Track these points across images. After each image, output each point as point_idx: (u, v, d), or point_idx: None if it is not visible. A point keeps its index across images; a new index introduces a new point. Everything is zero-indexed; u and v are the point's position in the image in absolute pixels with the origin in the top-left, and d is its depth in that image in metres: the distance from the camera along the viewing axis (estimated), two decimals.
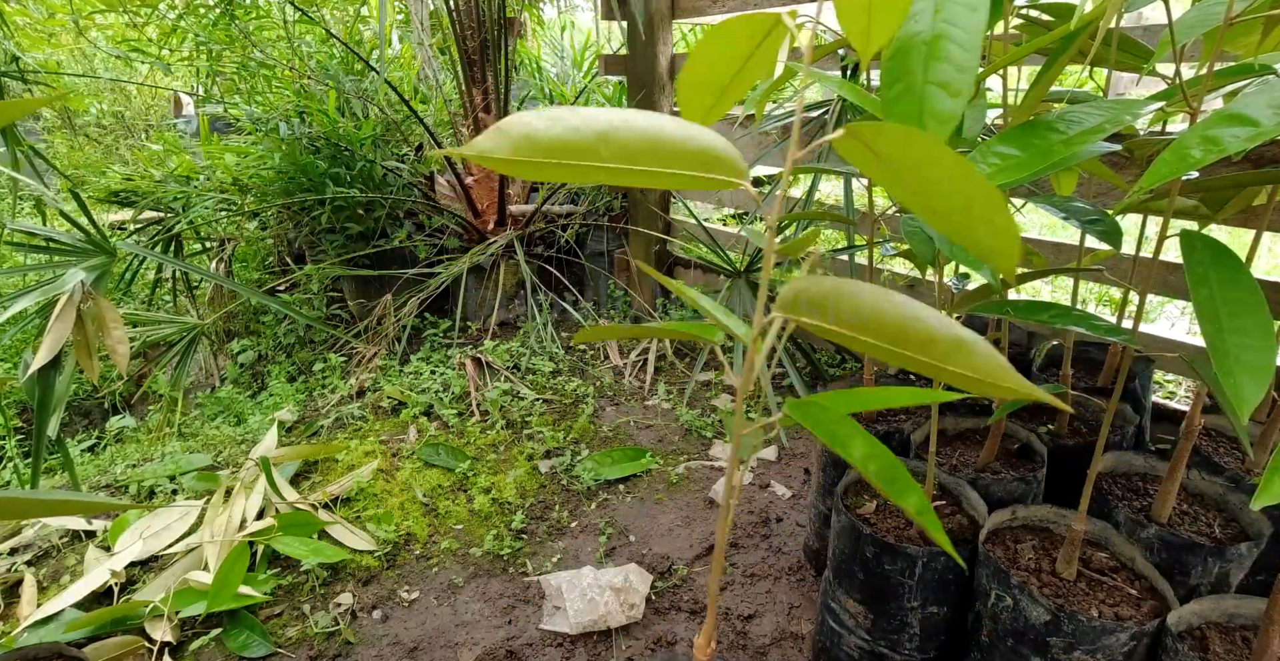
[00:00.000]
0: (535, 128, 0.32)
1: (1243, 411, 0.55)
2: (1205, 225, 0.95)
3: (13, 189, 2.93)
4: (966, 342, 0.32)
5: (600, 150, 0.33)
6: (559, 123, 0.33)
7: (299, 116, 2.61)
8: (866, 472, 0.40)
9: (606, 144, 0.33)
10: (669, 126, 0.34)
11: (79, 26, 2.78)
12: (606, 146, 0.33)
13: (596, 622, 1.30)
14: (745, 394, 0.44)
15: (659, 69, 2.40)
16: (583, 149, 0.33)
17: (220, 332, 2.74)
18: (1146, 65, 0.79)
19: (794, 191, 2.67)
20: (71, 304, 1.29)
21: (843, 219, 1.14)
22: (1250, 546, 0.93)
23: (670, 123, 0.34)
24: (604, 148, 0.33)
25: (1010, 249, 0.32)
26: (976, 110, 0.89)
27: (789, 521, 1.60)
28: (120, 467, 1.87)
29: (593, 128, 0.33)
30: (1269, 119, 0.49)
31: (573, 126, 0.33)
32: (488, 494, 1.71)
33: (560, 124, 0.33)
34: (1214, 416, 1.22)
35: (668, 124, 0.34)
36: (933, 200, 0.33)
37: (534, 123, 0.32)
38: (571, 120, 0.33)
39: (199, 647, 1.30)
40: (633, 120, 0.33)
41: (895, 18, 0.34)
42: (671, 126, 0.34)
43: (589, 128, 0.33)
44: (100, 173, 3.45)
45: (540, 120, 0.33)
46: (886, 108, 0.45)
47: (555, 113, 0.33)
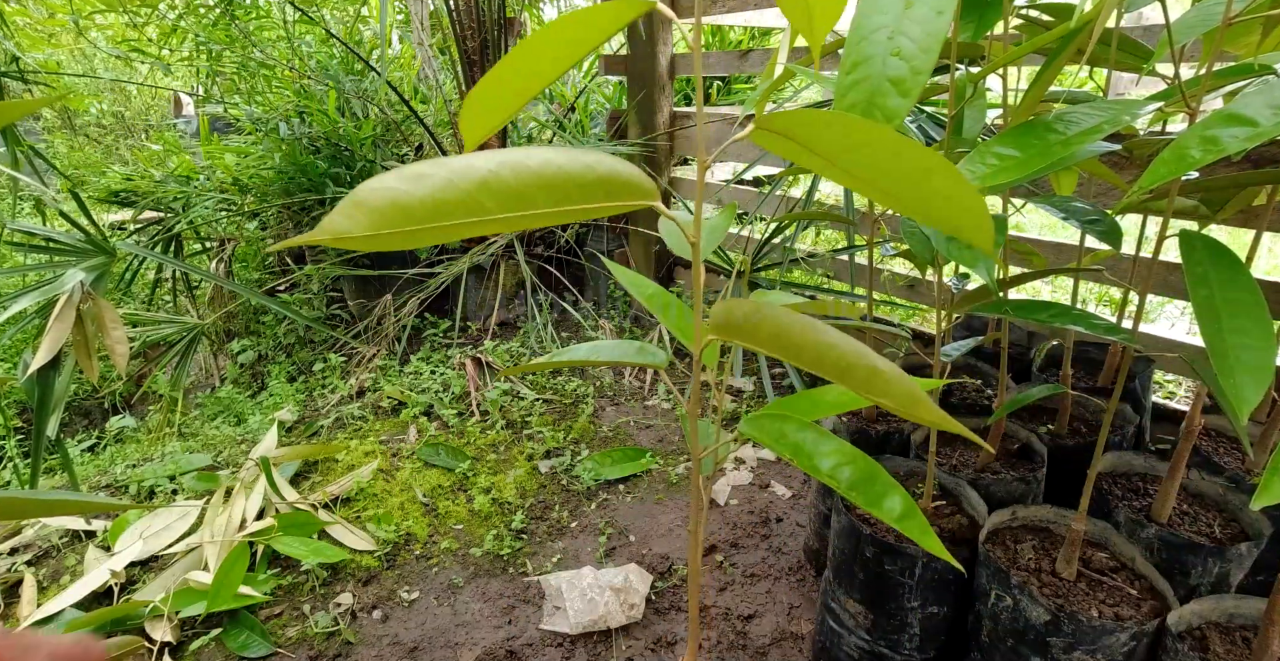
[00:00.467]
0: (399, 191, 0.27)
1: (1243, 411, 0.55)
2: (1205, 225, 0.95)
3: (13, 189, 2.93)
4: (882, 372, 0.30)
5: (484, 202, 0.29)
6: (425, 180, 0.28)
7: (299, 116, 2.61)
8: (839, 485, 0.38)
9: (490, 193, 0.29)
10: (561, 160, 0.30)
11: (79, 26, 2.78)
12: (490, 197, 0.29)
13: (596, 622, 1.30)
14: (696, 409, 0.42)
15: (659, 69, 2.40)
16: (463, 205, 0.29)
17: (220, 332, 2.74)
18: (1146, 65, 0.79)
19: (794, 191, 2.67)
20: (71, 304, 1.29)
21: (843, 219, 1.14)
22: (1250, 546, 0.93)
23: (563, 156, 0.30)
24: (487, 198, 0.29)
25: (982, 222, 0.30)
26: (976, 110, 0.89)
27: (789, 521, 1.60)
28: (120, 467, 1.87)
29: (470, 179, 0.28)
30: (1268, 119, 0.49)
31: (445, 181, 0.28)
32: (488, 494, 1.71)
33: (427, 182, 0.28)
34: (1214, 416, 1.22)
35: (559, 157, 0.30)
36: (881, 181, 0.31)
37: (395, 185, 0.27)
38: (441, 174, 0.28)
39: (199, 647, 1.30)
40: (518, 161, 0.29)
41: (835, 5, 0.32)
42: (564, 159, 0.30)
43: (465, 180, 0.28)
44: (100, 173, 3.45)
45: (401, 181, 0.28)
46: (838, 97, 0.44)
47: (418, 169, 0.28)
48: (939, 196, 0.30)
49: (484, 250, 2.55)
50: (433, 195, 0.28)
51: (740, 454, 1.86)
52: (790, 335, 0.31)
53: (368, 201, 0.27)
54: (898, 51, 0.43)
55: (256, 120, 2.66)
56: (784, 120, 0.30)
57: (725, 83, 3.68)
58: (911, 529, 0.35)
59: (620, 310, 2.68)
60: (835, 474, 0.38)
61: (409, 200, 0.28)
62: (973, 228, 0.31)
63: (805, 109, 0.29)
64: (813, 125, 0.29)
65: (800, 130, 0.30)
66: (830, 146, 0.30)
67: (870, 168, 0.30)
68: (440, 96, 3.00)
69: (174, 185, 2.60)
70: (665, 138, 2.49)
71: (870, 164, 0.30)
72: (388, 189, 0.28)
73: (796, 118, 0.29)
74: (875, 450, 1.28)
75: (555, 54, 0.34)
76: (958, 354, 1.07)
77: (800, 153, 0.31)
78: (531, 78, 0.34)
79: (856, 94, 0.44)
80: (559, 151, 0.30)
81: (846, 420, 1.30)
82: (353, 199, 0.27)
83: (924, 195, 0.30)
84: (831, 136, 0.29)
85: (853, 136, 0.29)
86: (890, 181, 0.30)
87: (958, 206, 0.30)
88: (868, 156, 0.29)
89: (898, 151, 0.28)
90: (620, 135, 2.60)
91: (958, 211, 0.30)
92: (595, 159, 0.31)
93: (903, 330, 1.47)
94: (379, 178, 0.28)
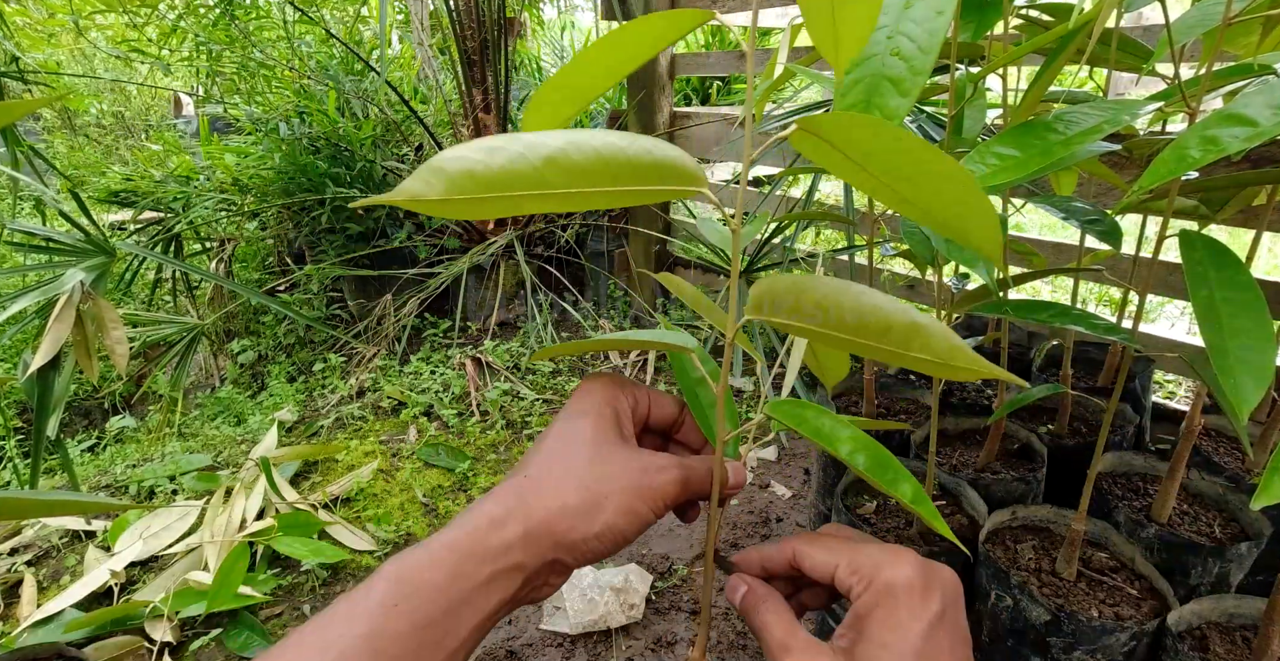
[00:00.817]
0: (474, 160, 0.29)
1: (1243, 411, 0.55)
2: (1205, 225, 0.95)
3: (13, 189, 2.93)
4: (922, 326, 0.31)
5: (549, 177, 0.31)
6: (499, 153, 0.30)
7: (299, 117, 2.61)
8: (856, 466, 0.40)
9: (556, 169, 0.31)
10: (622, 142, 0.32)
11: (79, 27, 2.78)
12: (556, 172, 0.31)
13: (596, 623, 1.30)
14: (725, 396, 0.44)
15: (659, 69, 2.40)
16: (530, 178, 0.30)
17: (220, 333, 2.74)
18: (1146, 65, 0.78)
19: (794, 191, 2.68)
20: (71, 304, 1.29)
21: (842, 219, 1.14)
22: (1250, 546, 0.93)
23: (622, 139, 0.32)
24: (553, 174, 0.31)
25: (992, 232, 0.31)
26: (976, 110, 0.89)
27: (789, 521, 1.60)
28: (120, 468, 1.87)
29: (540, 153, 0.30)
30: (1268, 119, 0.49)
31: (516, 154, 0.30)
32: None
33: (501, 154, 0.30)
34: (1214, 416, 1.22)
35: (620, 140, 0.32)
36: (904, 190, 0.32)
37: (471, 155, 0.29)
38: (514, 147, 0.30)
39: (199, 648, 1.30)
40: (583, 140, 0.31)
41: (863, 29, 0.33)
42: (624, 142, 0.32)
43: (535, 154, 0.30)
44: (100, 173, 3.45)
45: (477, 152, 0.29)
46: (838, 97, 0.45)
47: (493, 142, 0.30)
48: (957, 204, 0.31)
49: (484, 250, 2.55)
50: (505, 167, 0.30)
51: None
52: (832, 301, 0.32)
53: (445, 169, 0.29)
54: (897, 51, 0.43)
55: (256, 120, 2.66)
56: (823, 123, 0.31)
57: (725, 83, 3.68)
58: (925, 513, 0.38)
59: (620, 310, 2.68)
60: (853, 458, 0.41)
61: (483, 170, 0.29)
62: (981, 232, 0.32)
63: (841, 113, 0.30)
64: (847, 128, 0.30)
65: (836, 133, 0.31)
66: (860, 150, 0.31)
67: (893, 173, 0.31)
68: (440, 96, 3.00)
69: (174, 185, 2.60)
70: (665, 138, 2.49)
71: (893, 169, 0.31)
72: (463, 159, 0.29)
73: (834, 120, 0.30)
74: None
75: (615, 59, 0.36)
76: None
77: (832, 155, 0.32)
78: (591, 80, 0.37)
79: (856, 94, 0.44)
80: (621, 135, 0.32)
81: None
82: (431, 166, 0.29)
83: (940, 202, 0.31)
84: (863, 140, 0.30)
85: (881, 141, 0.30)
86: (910, 187, 0.31)
87: (971, 211, 0.31)
88: (892, 162, 0.30)
89: (921, 157, 0.29)
90: None
91: (971, 217, 0.31)
92: (653, 144, 0.32)
93: None
94: (456, 147, 0.30)
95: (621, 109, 2.64)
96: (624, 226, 2.69)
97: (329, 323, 2.71)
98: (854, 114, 0.29)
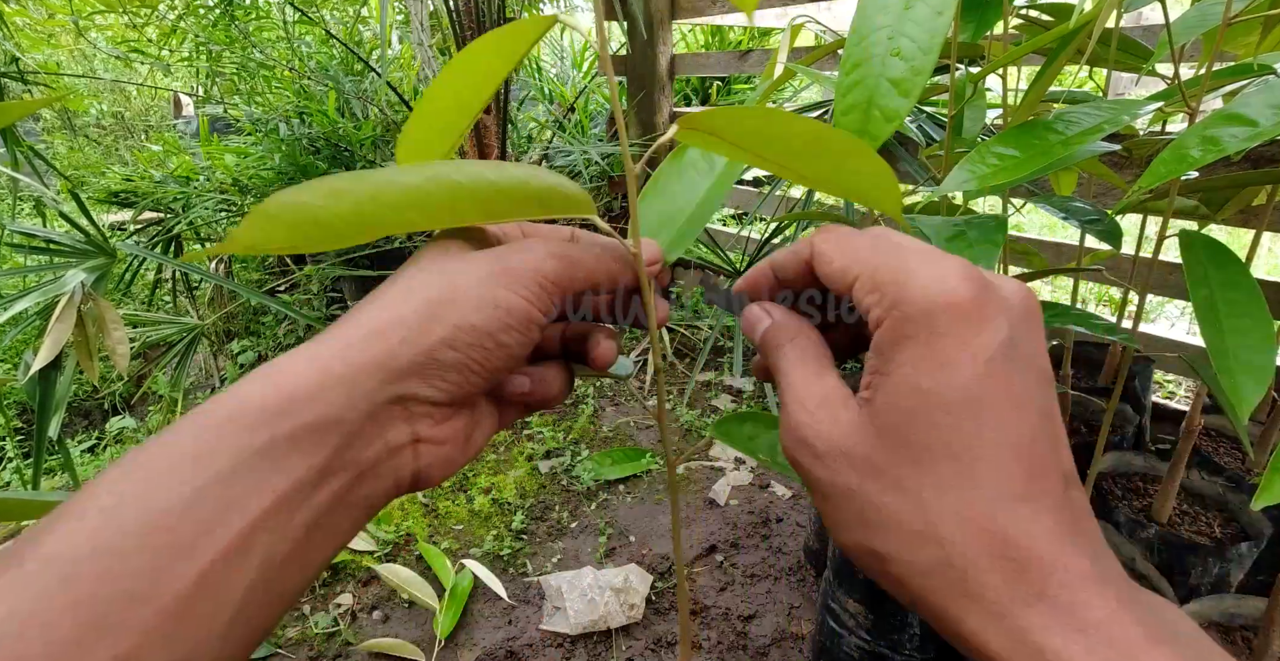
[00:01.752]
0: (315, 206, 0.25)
1: (1243, 411, 0.55)
2: (1205, 225, 0.95)
3: (13, 190, 2.92)
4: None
5: (410, 217, 0.27)
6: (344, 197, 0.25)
7: (299, 117, 2.61)
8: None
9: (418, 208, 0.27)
10: (492, 174, 0.28)
11: (79, 27, 2.78)
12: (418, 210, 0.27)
13: (596, 623, 1.30)
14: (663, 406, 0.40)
15: (659, 69, 2.40)
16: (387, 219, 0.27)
17: (220, 333, 2.74)
18: (1146, 65, 0.79)
19: (794, 191, 2.68)
20: (72, 305, 1.29)
21: (842, 219, 1.14)
22: (1250, 546, 0.93)
23: (491, 170, 0.28)
24: (414, 213, 0.27)
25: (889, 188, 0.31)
26: (976, 110, 0.89)
27: (789, 521, 1.60)
28: None
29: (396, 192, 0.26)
30: (1268, 119, 0.49)
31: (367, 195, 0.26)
32: (488, 494, 1.71)
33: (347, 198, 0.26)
34: (1214, 416, 1.22)
35: (490, 172, 0.28)
36: (802, 168, 0.32)
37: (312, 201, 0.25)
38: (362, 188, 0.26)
39: None
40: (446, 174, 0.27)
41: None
42: (494, 173, 0.28)
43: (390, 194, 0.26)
44: (100, 173, 3.45)
45: (318, 197, 0.25)
46: (838, 97, 0.45)
47: (335, 184, 0.26)
48: (854, 173, 0.31)
49: None
50: (354, 210, 0.26)
51: (741, 454, 1.86)
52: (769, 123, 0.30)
53: (280, 217, 0.25)
54: (898, 52, 0.43)
55: (256, 121, 2.66)
56: (706, 118, 0.30)
57: (725, 83, 3.68)
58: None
59: None
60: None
61: (327, 216, 0.26)
62: (885, 197, 0.32)
63: (725, 107, 0.29)
64: (735, 120, 0.30)
65: (723, 126, 0.30)
66: (754, 139, 0.30)
67: (792, 155, 0.31)
68: None
69: (174, 186, 2.60)
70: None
71: (792, 152, 0.30)
72: (301, 205, 0.25)
73: (718, 114, 0.30)
74: None
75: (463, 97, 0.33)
76: None
77: (722, 145, 0.31)
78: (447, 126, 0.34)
79: (857, 94, 0.44)
80: (490, 166, 0.28)
81: None
82: (264, 212, 0.25)
83: (842, 175, 0.31)
84: (756, 130, 0.30)
85: (776, 128, 0.29)
86: (811, 166, 0.31)
87: (871, 179, 0.31)
88: (790, 146, 0.30)
89: (819, 138, 0.29)
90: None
91: (871, 184, 0.31)
92: (528, 173, 0.29)
93: None
94: (290, 191, 0.25)
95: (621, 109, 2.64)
96: (624, 226, 2.69)
97: (329, 323, 2.71)
98: (738, 107, 0.29)
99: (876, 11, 0.44)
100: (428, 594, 1.39)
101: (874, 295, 0.25)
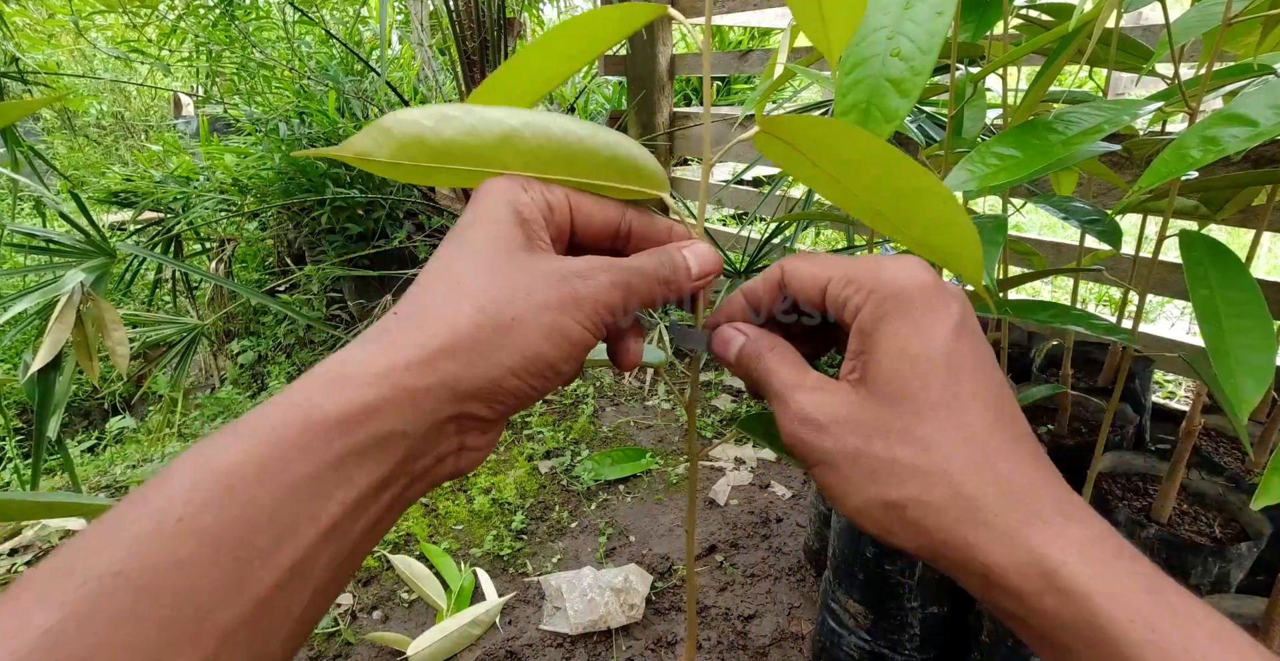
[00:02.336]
0: (424, 127, 0.28)
1: (1243, 411, 0.55)
2: (1205, 225, 0.95)
3: (13, 190, 2.92)
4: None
5: (503, 156, 0.29)
6: (451, 123, 0.28)
7: (299, 117, 2.61)
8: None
9: (510, 149, 0.29)
10: (584, 132, 0.30)
11: (79, 27, 2.78)
12: (510, 152, 0.29)
13: (596, 623, 1.30)
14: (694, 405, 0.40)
15: (659, 69, 2.40)
16: (481, 154, 0.29)
17: (220, 333, 2.74)
18: (1146, 65, 0.78)
19: (794, 192, 2.67)
20: (71, 305, 1.29)
21: (842, 219, 1.14)
22: (1250, 546, 0.93)
23: (585, 128, 0.30)
24: (507, 153, 0.29)
25: (974, 252, 0.30)
26: (976, 110, 0.89)
27: (789, 521, 1.60)
28: (120, 468, 1.87)
29: (494, 130, 0.28)
30: (1268, 119, 0.49)
31: (469, 127, 0.28)
32: (487, 494, 1.71)
33: (453, 124, 0.28)
34: (1214, 416, 1.22)
35: (582, 129, 0.30)
36: (878, 203, 0.30)
37: (423, 121, 0.28)
38: (467, 120, 0.28)
39: None
40: (543, 123, 0.29)
41: (851, 18, 0.32)
42: (586, 132, 0.30)
43: (489, 130, 0.28)
44: (100, 173, 3.45)
45: (429, 119, 0.28)
46: (838, 98, 0.45)
47: (447, 110, 0.28)
48: (935, 221, 0.30)
49: None
50: (455, 138, 0.28)
51: (740, 454, 1.86)
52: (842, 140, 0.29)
53: (392, 130, 0.28)
54: (897, 52, 0.43)
55: (256, 121, 2.66)
56: (788, 125, 0.29)
57: (725, 83, 3.68)
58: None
59: None
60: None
61: (433, 138, 0.28)
62: (965, 258, 0.31)
63: (812, 116, 0.28)
64: (817, 132, 0.29)
65: (803, 137, 0.29)
66: (832, 158, 0.29)
67: (868, 184, 0.29)
68: (440, 97, 3.00)
69: (174, 186, 2.60)
70: (665, 138, 2.49)
71: (870, 180, 0.29)
72: (413, 122, 0.28)
73: (801, 123, 0.28)
74: None
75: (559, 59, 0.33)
76: None
77: (801, 162, 0.30)
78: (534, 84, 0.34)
79: (856, 94, 0.44)
80: (582, 124, 0.30)
81: None
82: (380, 125, 0.28)
83: (920, 219, 0.30)
84: (835, 147, 0.29)
85: (856, 149, 0.28)
86: (886, 200, 0.30)
87: (953, 234, 0.30)
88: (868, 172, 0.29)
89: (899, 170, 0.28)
90: None
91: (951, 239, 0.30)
92: (615, 139, 0.30)
93: None
94: (407, 111, 0.28)
95: (621, 109, 2.64)
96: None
97: (329, 323, 2.71)
98: (823, 118, 0.28)
99: (876, 11, 0.44)
100: (436, 591, 1.39)
101: (850, 287, 0.29)
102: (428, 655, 1.25)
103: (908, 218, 0.30)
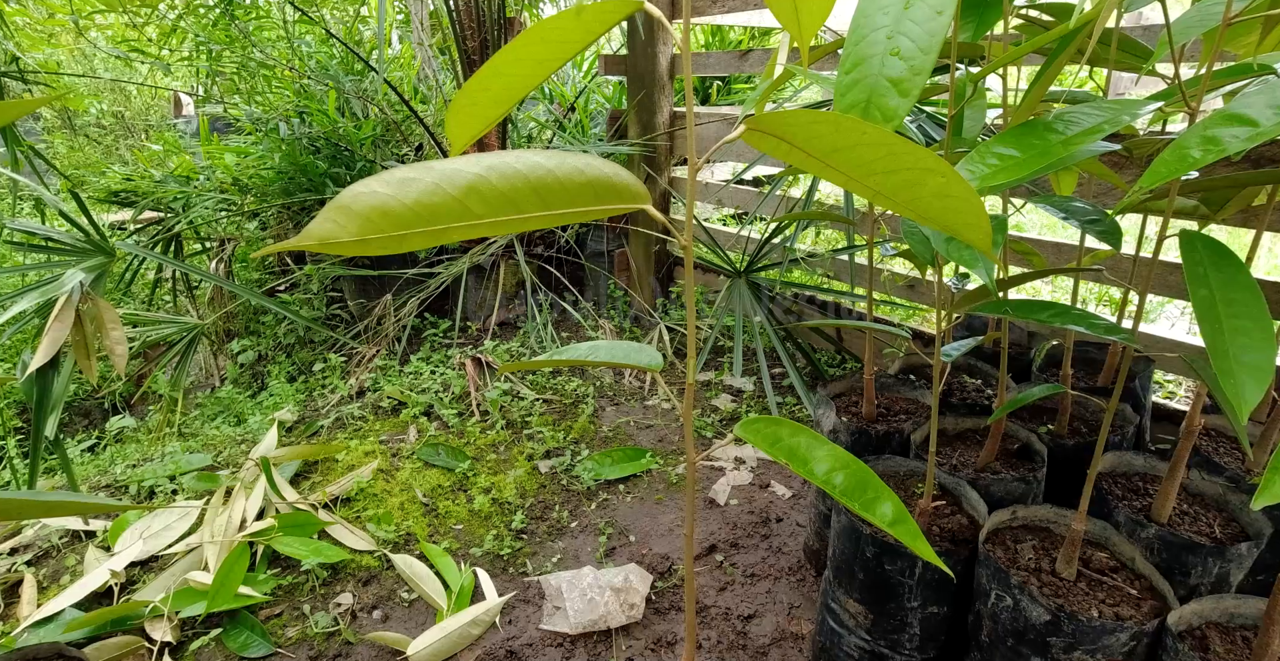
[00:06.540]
0: (385, 196, 0.27)
1: (1243, 411, 0.55)
2: (1205, 225, 0.95)
3: (12, 189, 2.92)
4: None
5: (471, 206, 0.28)
6: (412, 185, 0.27)
7: (299, 116, 2.61)
8: (833, 488, 0.38)
9: (477, 198, 0.28)
10: (551, 163, 0.29)
11: (79, 26, 2.78)
12: (478, 201, 0.28)
13: (596, 622, 1.30)
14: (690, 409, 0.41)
15: (659, 69, 2.40)
16: (449, 209, 0.28)
17: (220, 333, 2.74)
18: (1146, 65, 0.79)
19: (794, 191, 2.68)
20: (70, 304, 1.29)
21: (842, 219, 1.14)
22: (1250, 546, 0.93)
23: (552, 159, 0.29)
24: (475, 202, 0.28)
25: (978, 220, 0.30)
26: (976, 110, 0.89)
27: (789, 521, 1.60)
28: (120, 468, 1.87)
29: (457, 183, 0.28)
30: (1268, 119, 0.49)
31: (432, 185, 0.27)
32: (488, 494, 1.71)
33: (414, 187, 0.27)
34: (1214, 416, 1.22)
35: (549, 161, 0.29)
36: (877, 184, 0.30)
37: (381, 190, 0.27)
38: (428, 178, 0.28)
39: (199, 647, 1.30)
40: (507, 164, 0.28)
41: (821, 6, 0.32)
42: (554, 162, 0.29)
43: (452, 183, 0.28)
44: (100, 173, 3.45)
45: (388, 186, 0.27)
46: (837, 97, 0.44)
47: (404, 173, 0.27)
48: (936, 196, 0.29)
49: (484, 250, 2.55)
50: (419, 201, 0.28)
51: (740, 454, 1.86)
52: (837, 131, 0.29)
53: (353, 207, 0.27)
54: (897, 51, 0.43)
55: (256, 120, 2.66)
56: (775, 120, 0.29)
57: (725, 83, 3.68)
58: (903, 534, 0.35)
59: (620, 310, 2.68)
60: (830, 479, 0.38)
61: (396, 206, 0.27)
62: (971, 227, 0.30)
63: (797, 109, 0.28)
64: (804, 125, 0.29)
65: (792, 130, 0.29)
66: (822, 146, 0.29)
67: (863, 167, 0.30)
68: (440, 96, 3.00)
69: (174, 185, 2.60)
70: (665, 138, 2.49)
71: (864, 164, 0.29)
72: (373, 194, 0.27)
73: (788, 118, 0.29)
74: (875, 450, 1.28)
75: (541, 56, 0.33)
76: (958, 354, 1.07)
77: (793, 153, 0.31)
78: (517, 80, 0.33)
79: (856, 94, 0.44)
80: (547, 155, 0.29)
81: (846, 420, 1.29)
82: (338, 205, 0.27)
83: (921, 195, 0.29)
84: (823, 136, 0.29)
85: (845, 136, 0.28)
86: (884, 181, 0.30)
87: (955, 206, 0.29)
88: (861, 156, 0.29)
89: (892, 151, 0.28)
90: (620, 135, 2.60)
91: (955, 211, 0.30)
92: (584, 162, 0.30)
93: (903, 330, 1.47)
94: (363, 183, 0.27)
95: (622, 109, 2.64)
96: (624, 226, 2.69)
97: (329, 323, 2.71)
98: (806, 110, 0.28)
99: (876, 11, 0.44)
100: (436, 591, 1.39)
101: None
102: (428, 655, 1.25)
103: (911, 194, 0.30)
